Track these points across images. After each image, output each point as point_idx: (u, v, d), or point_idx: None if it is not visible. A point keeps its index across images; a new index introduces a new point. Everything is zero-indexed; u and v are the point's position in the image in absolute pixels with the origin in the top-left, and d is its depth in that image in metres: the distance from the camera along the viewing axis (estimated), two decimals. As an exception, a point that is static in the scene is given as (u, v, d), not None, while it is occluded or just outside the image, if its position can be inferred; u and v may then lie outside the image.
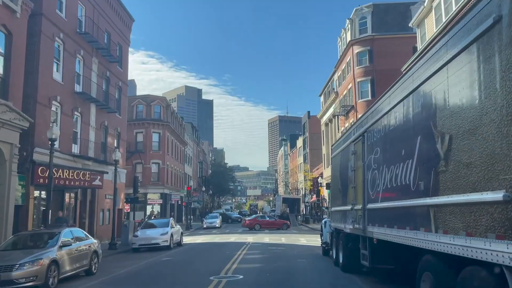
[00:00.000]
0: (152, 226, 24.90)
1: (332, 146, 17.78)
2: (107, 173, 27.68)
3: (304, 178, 71.58)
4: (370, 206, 9.93)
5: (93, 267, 14.75)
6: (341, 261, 13.57)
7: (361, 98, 40.88)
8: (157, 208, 48.37)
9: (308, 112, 79.61)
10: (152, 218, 34.35)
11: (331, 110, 52.82)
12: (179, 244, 25.79)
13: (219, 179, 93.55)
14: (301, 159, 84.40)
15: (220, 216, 55.21)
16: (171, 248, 23.38)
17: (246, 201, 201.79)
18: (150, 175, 47.70)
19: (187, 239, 31.91)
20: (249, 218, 46.63)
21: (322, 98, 61.01)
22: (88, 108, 26.80)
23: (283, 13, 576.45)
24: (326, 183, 42.92)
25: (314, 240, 26.95)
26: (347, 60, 44.34)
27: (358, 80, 41.21)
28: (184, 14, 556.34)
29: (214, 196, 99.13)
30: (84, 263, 14.12)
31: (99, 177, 26.33)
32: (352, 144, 12.21)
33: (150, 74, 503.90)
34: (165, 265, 17.00)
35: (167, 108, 50.46)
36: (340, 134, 47.18)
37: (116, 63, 31.61)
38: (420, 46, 28.58)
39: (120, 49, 32.53)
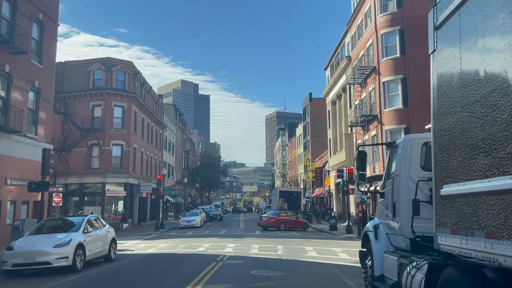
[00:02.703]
0: (49, 229, 14.42)
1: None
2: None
3: (305, 168, 61.18)
4: None
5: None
6: None
7: (386, 56, 30.51)
8: (120, 203, 37.93)
9: (310, 94, 69.17)
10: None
11: (341, 82, 42.39)
12: (107, 259, 15.46)
13: (208, 172, 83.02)
14: (301, 149, 74.01)
15: (203, 213, 44.88)
16: (77, 269, 12.94)
17: (242, 197, 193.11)
18: (110, 160, 37.24)
19: (141, 245, 22.19)
20: (268, 215, 36.24)
21: (328, 71, 50.57)
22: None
23: (280, 8, 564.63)
24: (338, 170, 32.59)
25: (327, 251, 16.79)
26: (365, 10, 33.91)
27: (382, 32, 30.80)
28: (179, 9, 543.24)
29: (202, 190, 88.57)
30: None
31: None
32: None
33: (146, 69, 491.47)
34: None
35: (135, 76, 39.93)
36: (353, 110, 36.79)
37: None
38: None
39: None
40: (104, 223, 16.38)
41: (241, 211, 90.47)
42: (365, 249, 8.86)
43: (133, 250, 20.35)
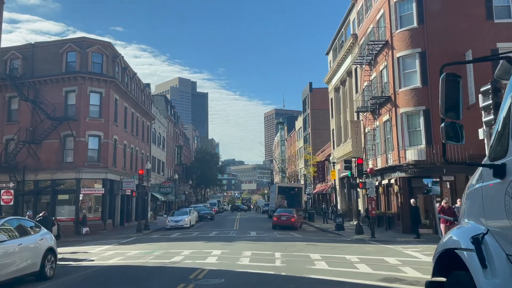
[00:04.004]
0: None
1: None
2: None
3: (305, 162, 56.85)
4: None
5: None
6: None
7: (401, 27, 26.16)
8: (97, 200, 33.55)
9: (310, 83, 64.83)
10: (37, 219, 19.40)
11: (345, 65, 38.05)
12: (40, 276, 11.23)
13: (203, 168, 78.63)
14: (301, 143, 69.69)
15: (195, 212, 40.52)
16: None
17: (240, 195, 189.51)
18: (86, 153, 32.86)
19: (107, 253, 18.18)
20: (283, 212, 32.31)
21: (330, 56, 46.22)
22: None
23: (277, 5, 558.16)
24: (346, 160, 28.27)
25: (340, 261, 12.56)
26: (375, -23, 29.53)
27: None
28: (175, 7, 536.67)
29: (197, 188, 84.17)
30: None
31: None
32: None
33: (143, 68, 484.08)
34: None
35: (114, 59, 35.51)
36: (361, 94, 32.45)
37: None
38: None
39: None
40: (38, 228, 12.06)
41: (242, 209, 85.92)
42: (443, 280, 4.51)
43: (92, 260, 16.06)
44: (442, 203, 13.68)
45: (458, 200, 17.31)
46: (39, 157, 32.27)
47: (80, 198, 32.55)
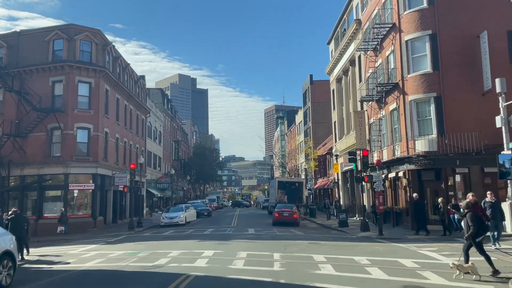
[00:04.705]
0: None
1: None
2: None
3: (306, 157, 55.01)
4: None
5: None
6: None
7: (409, 8, 24.22)
8: (86, 197, 31.75)
9: (311, 75, 62.86)
10: (8, 217, 17.49)
11: (348, 53, 36.13)
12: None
13: (201, 164, 76.77)
14: (301, 137, 67.82)
15: (192, 209, 38.69)
16: None
17: (241, 191, 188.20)
18: (75, 147, 31.01)
19: (89, 254, 16.63)
20: (284, 207, 30.99)
21: (331, 45, 44.22)
22: None
23: (276, 1, 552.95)
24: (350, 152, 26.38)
25: (348, 263, 10.98)
26: (381, -44, 27.55)
27: (404, -23, 24.46)
28: (174, 3, 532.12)
29: (195, 183, 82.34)
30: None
31: None
32: None
33: (142, 65, 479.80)
34: None
35: (104, 48, 33.57)
36: (365, 82, 30.57)
37: None
38: None
39: None
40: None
41: (244, 205, 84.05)
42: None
43: (68, 263, 14.32)
44: (469, 196, 11.84)
45: (488, 193, 15.45)
46: (25, 151, 30.45)
47: (75, 194, 30.76)
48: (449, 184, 22.20)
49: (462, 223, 11.44)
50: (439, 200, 20.64)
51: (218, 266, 12.05)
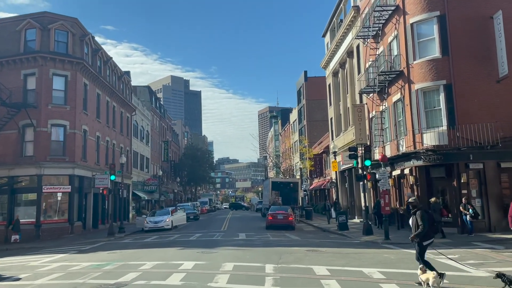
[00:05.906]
0: None
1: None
2: None
3: (301, 156, 52.62)
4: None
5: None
6: None
7: (414, -13, 21.91)
8: (63, 200, 29.03)
9: (305, 72, 60.58)
10: None
11: (346, 43, 33.84)
12: None
13: (192, 165, 74.12)
14: (296, 136, 65.49)
15: (180, 212, 36.11)
16: None
17: (235, 193, 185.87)
18: (49, 146, 28.33)
19: (50, 267, 14.17)
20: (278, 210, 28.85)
21: (327, 37, 41.92)
22: None
23: (270, 3, 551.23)
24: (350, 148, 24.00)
25: (356, 277, 8.30)
26: None
27: (408, -46, 22.16)
28: (166, 5, 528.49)
29: (186, 186, 79.64)
30: None
31: None
32: None
33: (134, 67, 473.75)
34: None
35: (83, 38, 30.96)
36: (365, 73, 28.23)
37: None
38: None
39: None
40: None
41: (246, 208, 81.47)
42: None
43: (18, 279, 11.85)
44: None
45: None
46: (-6, 151, 27.78)
47: (58, 198, 28.06)
48: (461, 181, 19.87)
49: (410, 221, 9.41)
50: (432, 200, 18.44)
51: (195, 285, 9.57)
